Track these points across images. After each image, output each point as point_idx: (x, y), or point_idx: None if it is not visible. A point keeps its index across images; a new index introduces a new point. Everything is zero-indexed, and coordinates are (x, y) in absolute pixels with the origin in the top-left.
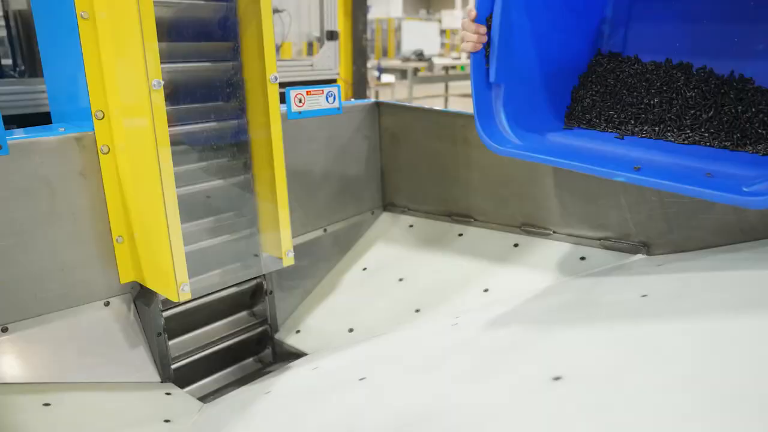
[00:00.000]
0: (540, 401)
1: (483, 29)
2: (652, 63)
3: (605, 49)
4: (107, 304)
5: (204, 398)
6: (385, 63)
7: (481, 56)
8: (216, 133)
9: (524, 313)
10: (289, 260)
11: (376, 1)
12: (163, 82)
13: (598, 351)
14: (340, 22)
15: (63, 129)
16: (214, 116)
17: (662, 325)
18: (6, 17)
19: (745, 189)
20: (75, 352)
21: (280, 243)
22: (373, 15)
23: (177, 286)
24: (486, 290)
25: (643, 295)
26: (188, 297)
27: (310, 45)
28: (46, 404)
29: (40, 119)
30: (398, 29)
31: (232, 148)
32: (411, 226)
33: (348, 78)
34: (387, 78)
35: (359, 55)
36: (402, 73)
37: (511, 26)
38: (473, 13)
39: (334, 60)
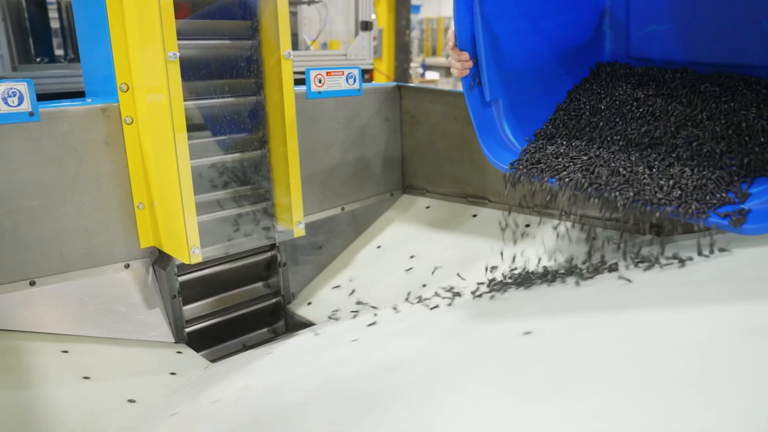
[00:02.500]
0: (505, 349)
1: (465, 56)
2: (646, 67)
3: (610, 39)
4: (127, 266)
5: (215, 362)
6: (432, 61)
7: (471, 79)
8: (234, 108)
9: (518, 285)
10: (299, 231)
11: (427, 0)
12: (178, 54)
13: (570, 311)
14: (383, 18)
15: (90, 100)
16: (233, 92)
17: (638, 290)
18: (59, 9)
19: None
20: (95, 309)
21: (292, 214)
22: (423, 14)
23: (188, 249)
24: (494, 268)
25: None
26: (199, 260)
27: None
28: (65, 351)
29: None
30: (447, 28)
31: (249, 123)
32: (428, 207)
33: (390, 73)
34: (431, 75)
35: (401, 50)
36: (447, 71)
37: (497, 41)
38: (451, 41)
39: (368, 50)
